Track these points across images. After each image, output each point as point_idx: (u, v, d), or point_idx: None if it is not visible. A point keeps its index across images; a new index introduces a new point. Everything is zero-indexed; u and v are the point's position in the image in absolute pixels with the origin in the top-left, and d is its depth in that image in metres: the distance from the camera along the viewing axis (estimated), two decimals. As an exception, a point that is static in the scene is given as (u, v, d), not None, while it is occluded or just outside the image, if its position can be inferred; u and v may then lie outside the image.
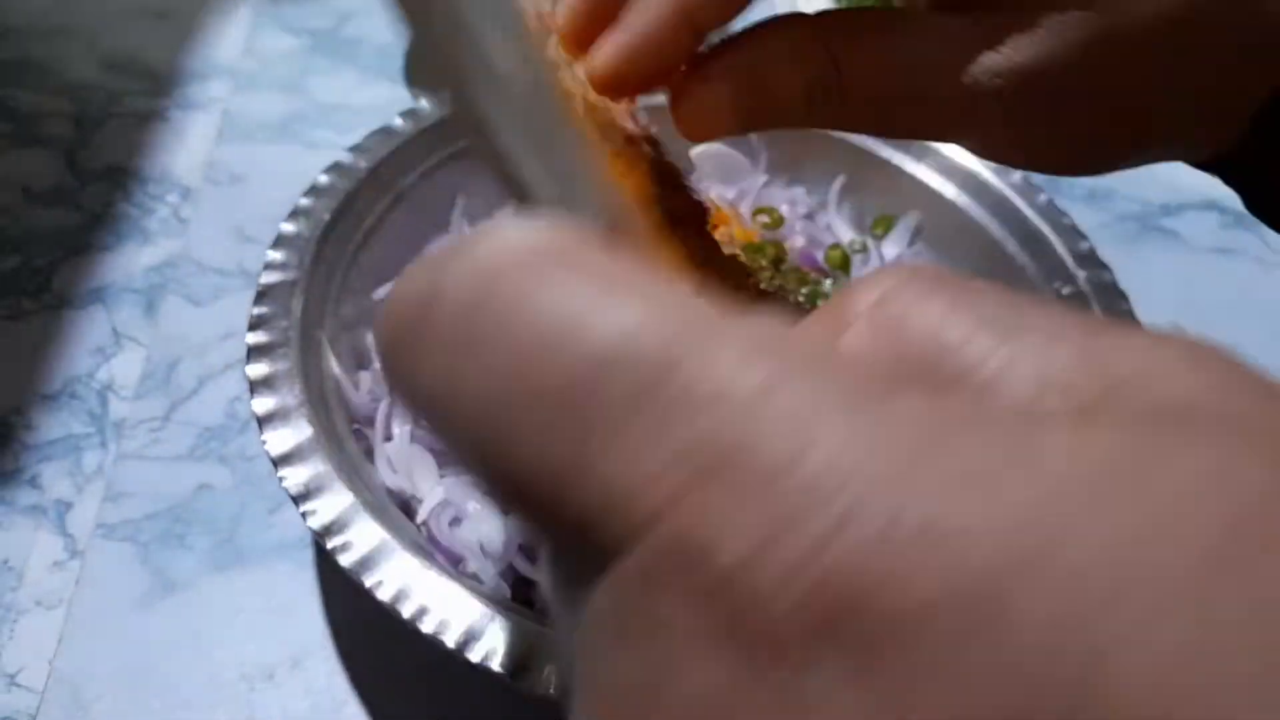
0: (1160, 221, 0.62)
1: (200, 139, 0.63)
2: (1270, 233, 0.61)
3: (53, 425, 0.46)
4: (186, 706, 0.37)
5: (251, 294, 0.52)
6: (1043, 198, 0.46)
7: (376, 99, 0.66)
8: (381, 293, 0.45)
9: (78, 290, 0.53)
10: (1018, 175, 0.47)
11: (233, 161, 0.61)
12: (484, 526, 0.35)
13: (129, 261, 0.54)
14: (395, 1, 0.17)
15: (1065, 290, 0.43)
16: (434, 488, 0.36)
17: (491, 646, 0.29)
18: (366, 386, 0.41)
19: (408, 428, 0.38)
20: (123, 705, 0.37)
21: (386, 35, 0.72)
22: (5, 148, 0.61)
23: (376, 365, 0.42)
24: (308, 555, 0.42)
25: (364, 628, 0.39)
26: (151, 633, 0.39)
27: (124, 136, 0.62)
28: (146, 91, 0.66)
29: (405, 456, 0.37)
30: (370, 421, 0.39)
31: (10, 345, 0.50)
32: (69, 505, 0.43)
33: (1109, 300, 0.42)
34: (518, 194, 0.16)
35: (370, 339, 0.43)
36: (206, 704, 0.37)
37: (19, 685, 0.37)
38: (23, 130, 0.62)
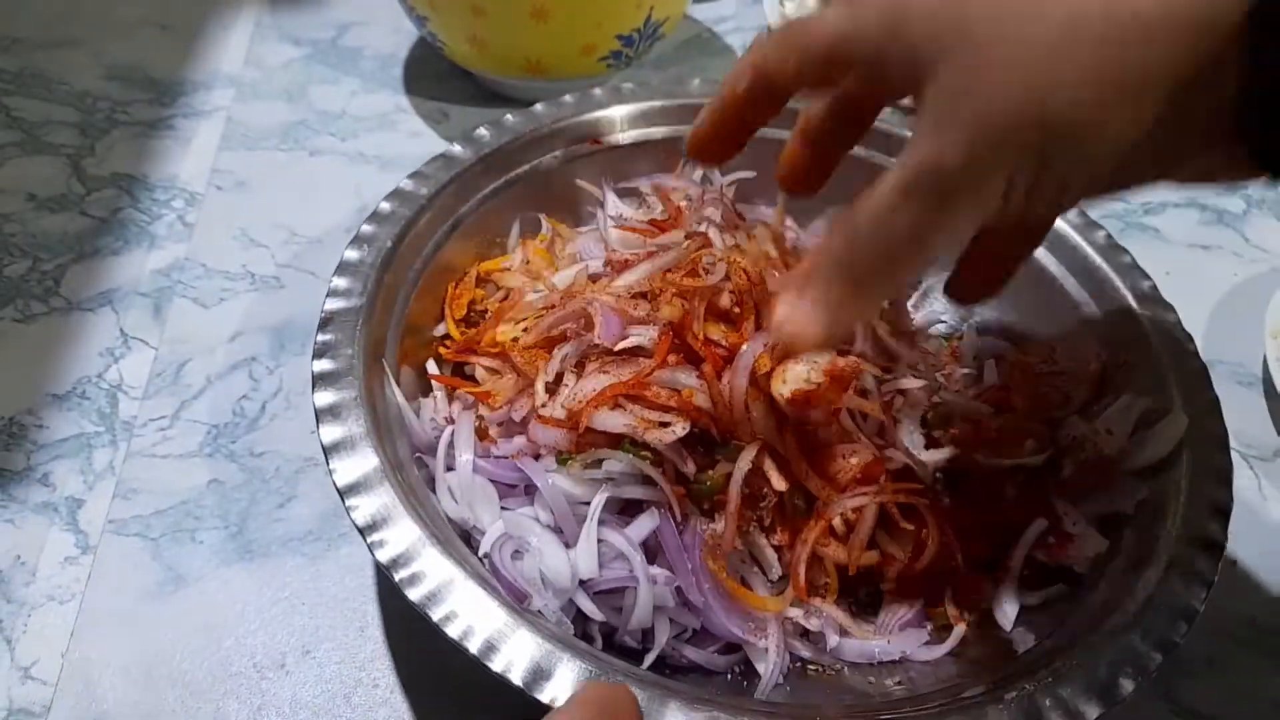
0: (1142, 219, 0.63)
1: (204, 146, 0.64)
2: (1248, 229, 0.63)
3: (64, 424, 0.47)
4: (198, 696, 0.38)
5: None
6: (1101, 235, 0.45)
7: (376, 107, 0.68)
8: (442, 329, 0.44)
9: (86, 293, 0.54)
10: (1073, 213, 0.45)
11: (237, 168, 0.62)
12: (546, 560, 0.34)
13: (136, 265, 0.55)
14: None
15: (1130, 331, 0.42)
16: (495, 520, 0.36)
17: (559, 689, 0.29)
18: (428, 414, 0.40)
19: (469, 457, 0.37)
20: (135, 696, 0.37)
21: (386, 44, 0.74)
22: (12, 155, 0.62)
23: (438, 393, 0.41)
24: (315, 548, 0.43)
25: (373, 617, 0.40)
26: (163, 625, 0.40)
27: (129, 144, 0.63)
28: (151, 100, 0.67)
29: (467, 487, 0.37)
30: (432, 450, 0.38)
31: (21, 347, 0.51)
32: (80, 502, 0.44)
33: (1174, 344, 0.41)
34: None
35: (431, 365, 0.42)
36: (218, 693, 0.38)
37: (33, 678, 0.38)
38: (29, 138, 0.63)
